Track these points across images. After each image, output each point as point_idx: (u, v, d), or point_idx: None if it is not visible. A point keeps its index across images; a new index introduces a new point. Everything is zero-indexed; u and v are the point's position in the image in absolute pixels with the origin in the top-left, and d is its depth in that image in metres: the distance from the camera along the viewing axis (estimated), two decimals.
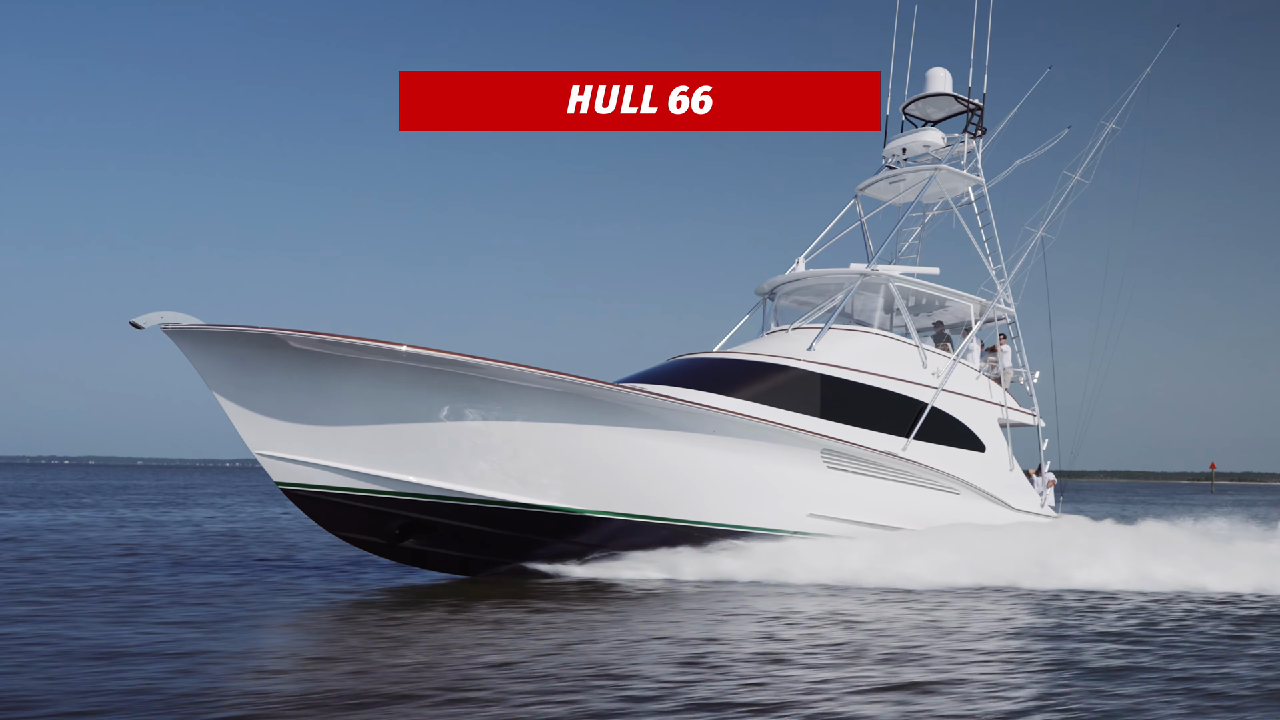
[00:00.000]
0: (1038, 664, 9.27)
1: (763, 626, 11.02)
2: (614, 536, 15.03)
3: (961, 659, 9.41)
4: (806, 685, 8.21)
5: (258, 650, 9.44)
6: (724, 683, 8.26)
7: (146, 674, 8.30)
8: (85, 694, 7.65)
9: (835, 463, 16.28)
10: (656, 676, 8.39)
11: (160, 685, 7.89)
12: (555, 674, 8.40)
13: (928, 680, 8.42)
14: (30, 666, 8.55)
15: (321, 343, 13.04)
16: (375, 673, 8.38)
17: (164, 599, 12.69)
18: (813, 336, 17.27)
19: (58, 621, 10.86)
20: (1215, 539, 19.02)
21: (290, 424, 13.47)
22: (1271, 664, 9.51)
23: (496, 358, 13.55)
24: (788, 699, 7.73)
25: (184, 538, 22.75)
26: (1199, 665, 9.35)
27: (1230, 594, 14.74)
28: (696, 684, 8.19)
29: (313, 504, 13.87)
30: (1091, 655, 9.74)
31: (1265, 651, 10.16)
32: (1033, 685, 8.36)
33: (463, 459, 13.88)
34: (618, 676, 8.36)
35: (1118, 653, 9.90)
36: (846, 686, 8.16)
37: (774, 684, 8.23)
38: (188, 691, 7.70)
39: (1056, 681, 8.50)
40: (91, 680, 8.06)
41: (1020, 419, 20.03)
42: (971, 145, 21.51)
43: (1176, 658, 9.70)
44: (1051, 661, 9.38)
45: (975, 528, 17.04)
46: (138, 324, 12.53)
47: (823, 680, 8.39)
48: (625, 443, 14.58)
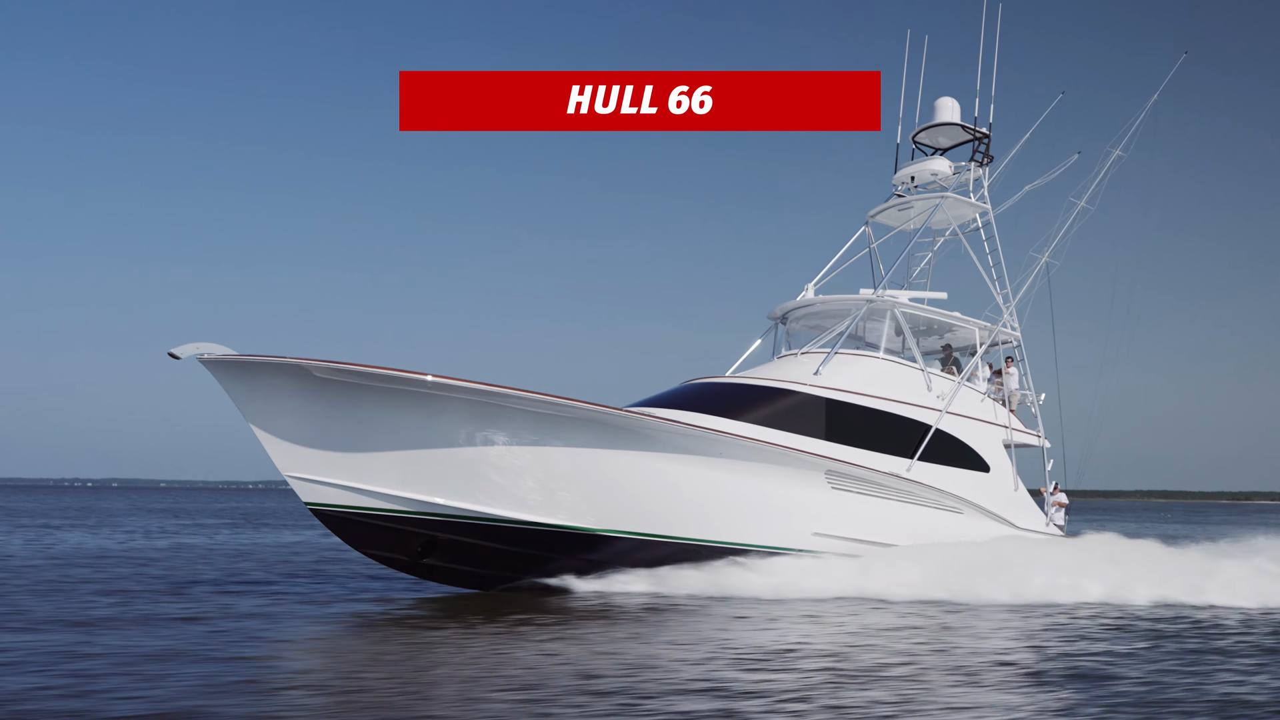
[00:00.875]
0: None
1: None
2: (624, 554, 15.56)
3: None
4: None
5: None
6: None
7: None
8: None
9: (839, 483, 16.72)
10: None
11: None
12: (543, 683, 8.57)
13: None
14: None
15: (344, 372, 13.75)
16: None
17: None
18: (820, 361, 17.74)
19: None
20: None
21: (317, 448, 14.18)
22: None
23: (514, 386, 14.25)
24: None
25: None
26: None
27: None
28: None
29: (339, 523, 14.58)
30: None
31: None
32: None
33: (481, 481, 14.55)
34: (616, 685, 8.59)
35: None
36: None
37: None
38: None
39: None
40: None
41: (1025, 440, 20.18)
42: (978, 173, 21.76)
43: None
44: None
45: (950, 544, 17.18)
46: (175, 354, 13.29)
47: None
48: (635, 465, 15.20)
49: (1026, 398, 20.76)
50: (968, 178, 21.58)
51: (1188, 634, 11.97)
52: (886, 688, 8.18)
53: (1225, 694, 8.40)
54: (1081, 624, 12.73)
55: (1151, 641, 11.27)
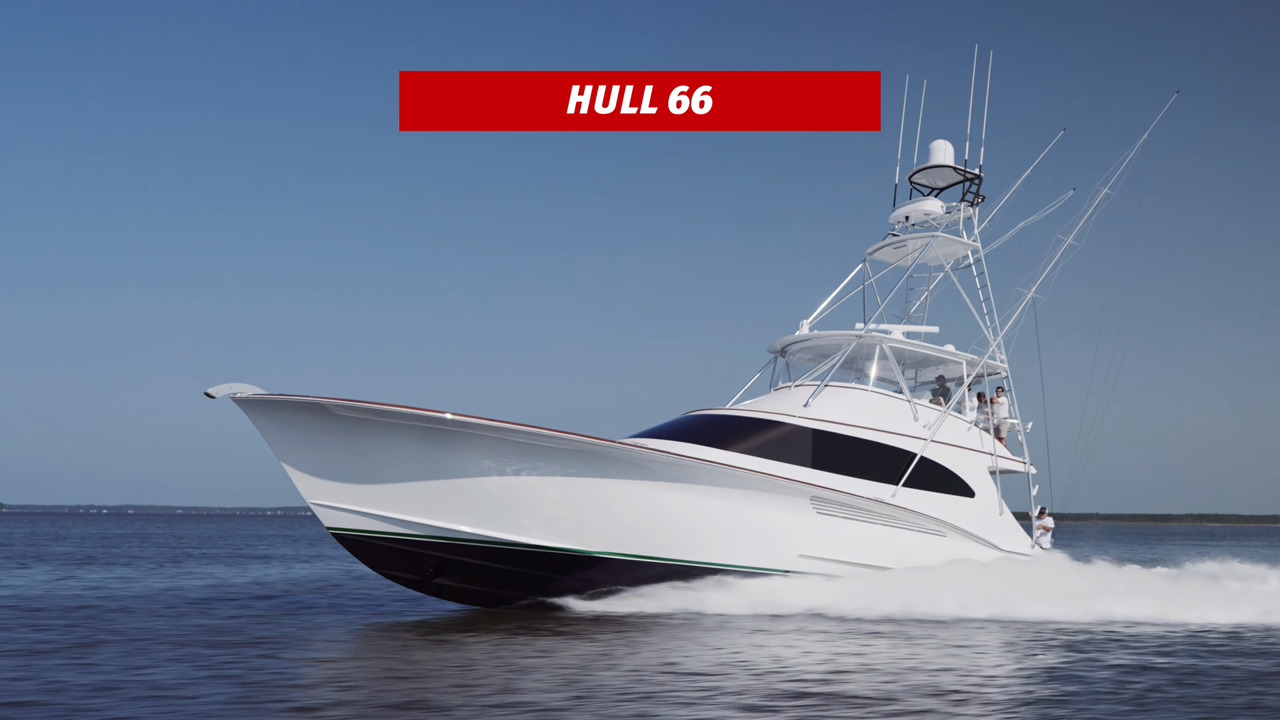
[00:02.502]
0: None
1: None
2: (620, 574, 16.53)
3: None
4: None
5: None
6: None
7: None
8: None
9: (824, 509, 17.52)
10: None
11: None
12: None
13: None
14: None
15: (361, 410, 14.99)
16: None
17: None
18: (810, 393, 18.64)
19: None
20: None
21: (337, 478, 15.42)
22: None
23: (520, 421, 15.55)
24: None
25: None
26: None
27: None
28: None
29: (358, 546, 15.78)
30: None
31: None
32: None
33: (488, 508, 15.68)
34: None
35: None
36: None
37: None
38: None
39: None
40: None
41: (1010, 466, 20.68)
42: (969, 213, 22.59)
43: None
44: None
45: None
46: (211, 394, 14.48)
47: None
48: (630, 492, 16.26)
49: (1014, 426, 21.23)
50: (958, 217, 22.31)
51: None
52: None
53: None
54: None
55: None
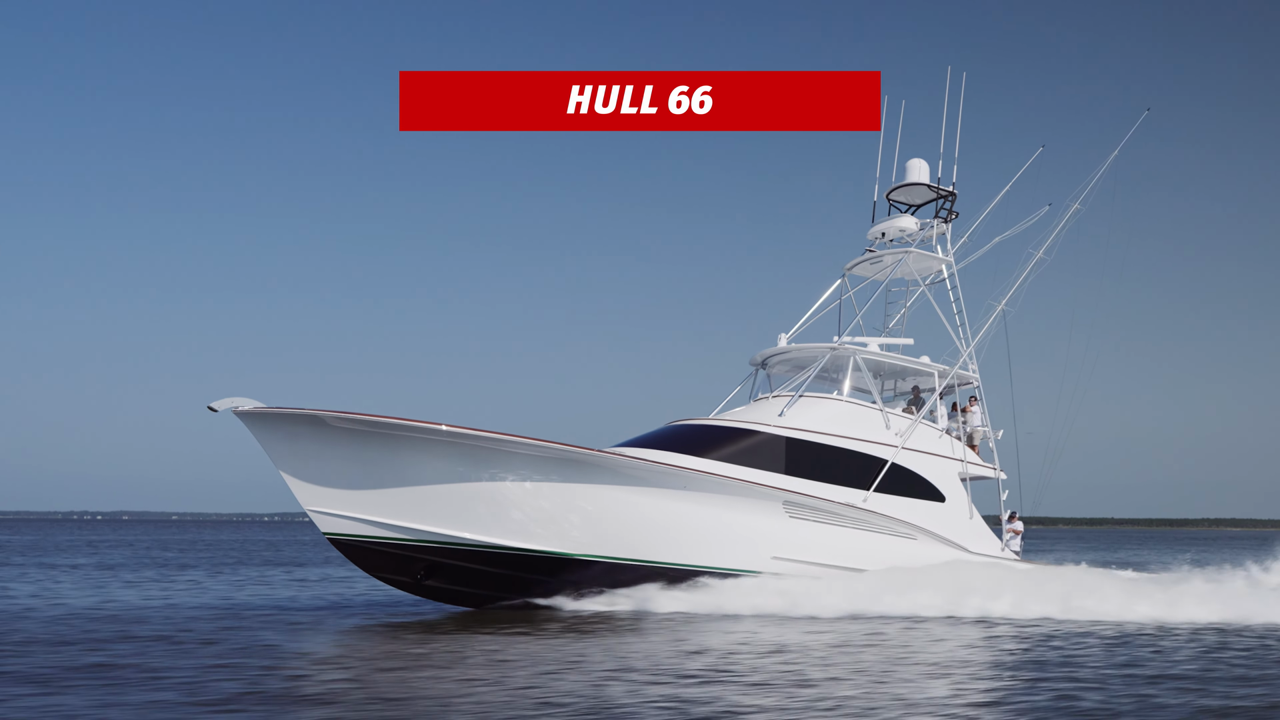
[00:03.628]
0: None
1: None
2: (601, 576, 17.32)
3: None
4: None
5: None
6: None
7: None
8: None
9: (797, 513, 18.30)
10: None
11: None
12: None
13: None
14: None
15: (354, 421, 15.78)
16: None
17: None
18: (785, 403, 19.40)
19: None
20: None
21: (333, 486, 16.15)
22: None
23: (507, 431, 16.39)
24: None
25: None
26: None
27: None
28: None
29: (353, 550, 16.56)
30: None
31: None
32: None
33: (475, 513, 16.45)
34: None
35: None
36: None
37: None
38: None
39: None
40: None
41: (980, 472, 21.28)
42: (943, 229, 23.23)
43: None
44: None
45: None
46: (214, 408, 15.22)
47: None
48: (611, 498, 17.05)
49: (985, 433, 21.85)
50: (932, 233, 22.99)
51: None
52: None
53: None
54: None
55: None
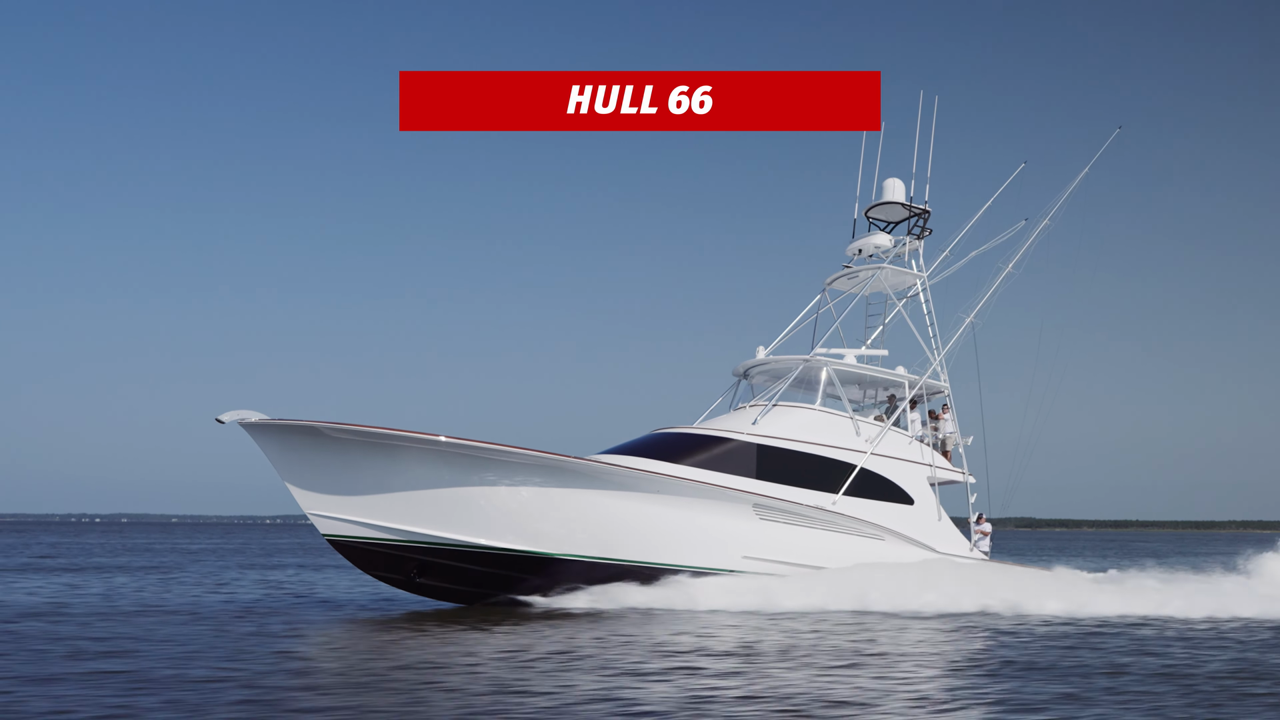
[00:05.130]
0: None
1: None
2: (581, 574, 18.29)
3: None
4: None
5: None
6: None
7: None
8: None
9: (766, 515, 19.28)
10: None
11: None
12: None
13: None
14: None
15: (350, 431, 16.84)
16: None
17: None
18: (760, 412, 20.40)
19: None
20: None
21: (331, 492, 17.29)
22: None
23: (491, 440, 17.41)
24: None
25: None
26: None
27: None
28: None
29: (350, 550, 17.76)
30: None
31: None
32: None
33: (464, 516, 17.52)
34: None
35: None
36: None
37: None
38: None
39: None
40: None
41: (949, 477, 22.10)
42: (915, 246, 24.21)
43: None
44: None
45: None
46: (221, 420, 16.21)
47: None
48: (590, 501, 18.08)
49: (955, 439, 22.61)
50: (904, 250, 23.93)
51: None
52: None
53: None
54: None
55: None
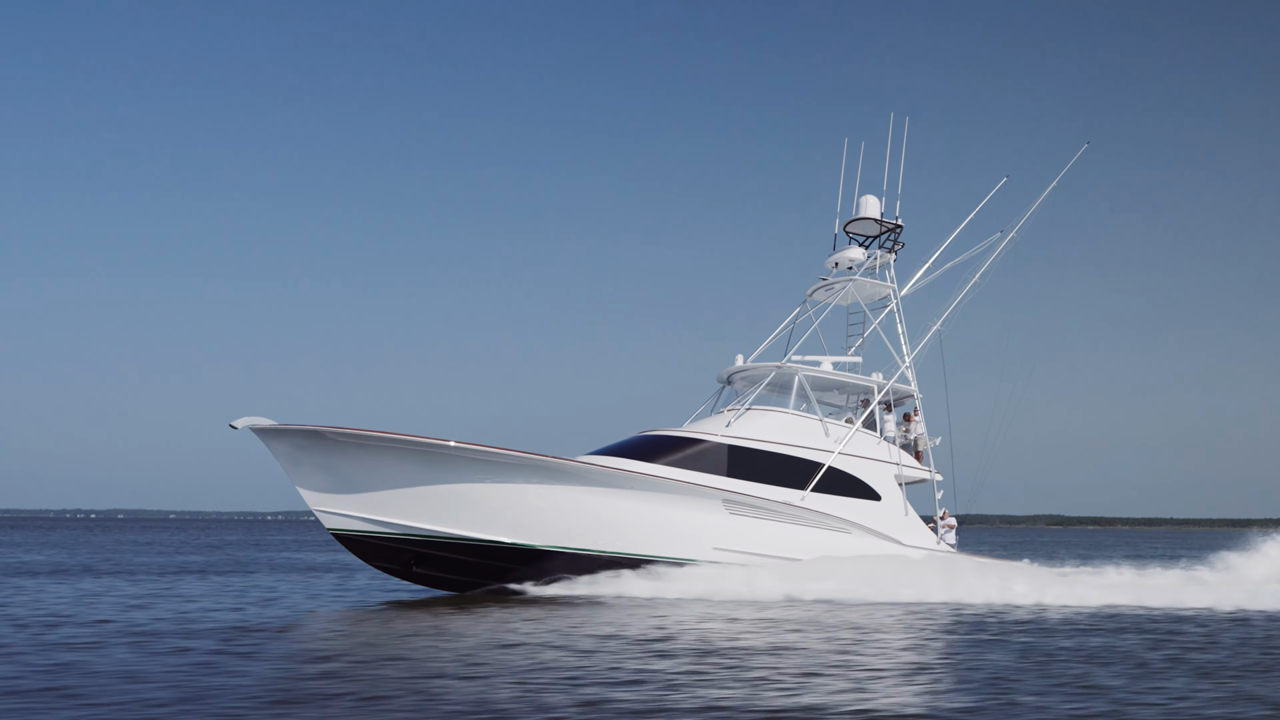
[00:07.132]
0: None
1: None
2: (566, 564, 20.21)
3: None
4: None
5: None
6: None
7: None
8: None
9: (736, 510, 21.19)
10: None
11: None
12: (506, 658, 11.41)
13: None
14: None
15: (349, 435, 19.18)
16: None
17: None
18: (734, 415, 22.34)
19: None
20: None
21: (335, 490, 19.30)
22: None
23: (488, 444, 19.29)
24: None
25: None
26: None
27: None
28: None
29: (352, 543, 19.89)
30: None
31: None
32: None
33: (457, 511, 19.45)
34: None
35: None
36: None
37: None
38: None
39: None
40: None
41: (916, 475, 23.61)
42: (887, 259, 25.91)
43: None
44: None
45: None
46: (234, 426, 18.04)
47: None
48: (574, 497, 20.07)
49: (924, 439, 24.06)
50: (875, 263, 25.72)
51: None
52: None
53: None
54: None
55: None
